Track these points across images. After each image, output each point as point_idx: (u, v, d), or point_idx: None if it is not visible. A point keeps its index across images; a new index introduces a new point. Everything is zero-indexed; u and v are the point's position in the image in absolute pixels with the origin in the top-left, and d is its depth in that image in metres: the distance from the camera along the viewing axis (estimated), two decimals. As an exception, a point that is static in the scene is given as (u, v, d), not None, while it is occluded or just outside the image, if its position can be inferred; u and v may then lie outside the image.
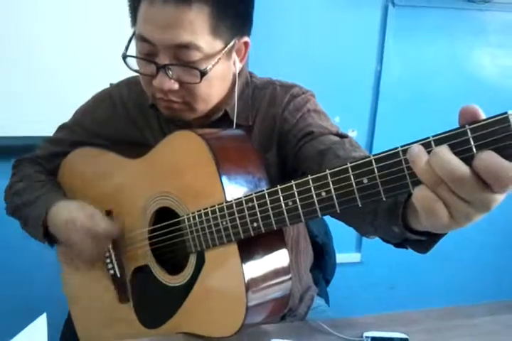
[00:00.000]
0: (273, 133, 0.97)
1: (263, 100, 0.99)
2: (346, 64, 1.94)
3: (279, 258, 0.81)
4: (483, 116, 0.51)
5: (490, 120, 0.50)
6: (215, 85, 0.90)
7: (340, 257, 1.40)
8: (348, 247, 2.09)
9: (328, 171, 0.63)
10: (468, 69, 2.06)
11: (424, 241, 0.63)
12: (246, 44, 0.93)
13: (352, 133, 2.03)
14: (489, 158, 0.48)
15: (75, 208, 0.97)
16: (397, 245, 0.70)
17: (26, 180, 1.08)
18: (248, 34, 0.93)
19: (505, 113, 0.49)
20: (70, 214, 0.95)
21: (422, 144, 0.54)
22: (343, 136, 0.91)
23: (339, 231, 1.10)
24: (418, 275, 2.15)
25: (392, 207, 0.63)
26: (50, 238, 1.01)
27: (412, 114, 2.01)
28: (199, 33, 0.83)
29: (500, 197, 0.50)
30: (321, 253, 1.30)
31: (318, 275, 1.29)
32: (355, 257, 2.13)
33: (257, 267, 0.78)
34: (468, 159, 0.50)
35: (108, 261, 0.99)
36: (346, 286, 1.67)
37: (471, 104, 0.52)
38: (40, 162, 1.12)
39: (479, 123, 0.50)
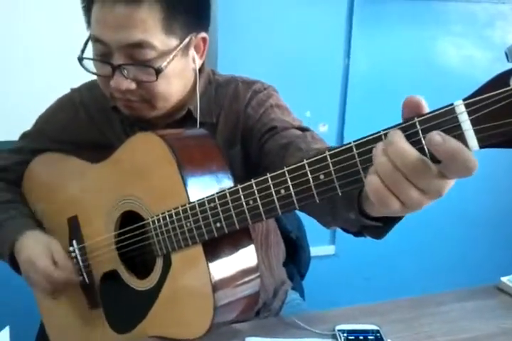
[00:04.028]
0: (237, 129, 0.97)
1: (226, 97, 0.99)
2: (314, 58, 1.94)
3: (246, 257, 0.81)
4: (426, 107, 0.51)
5: (437, 111, 0.50)
6: (174, 82, 0.90)
7: (315, 250, 1.40)
8: (322, 240, 2.09)
9: (285, 168, 0.63)
10: (434, 59, 2.08)
11: (380, 226, 0.64)
12: (204, 40, 0.93)
13: (323, 128, 2.03)
14: (444, 140, 0.48)
15: (37, 251, 0.95)
16: (356, 234, 0.70)
17: None
18: (206, 30, 0.93)
19: (452, 104, 0.49)
20: (30, 257, 0.94)
21: (374, 138, 0.54)
22: (304, 130, 0.91)
23: (313, 223, 1.10)
24: (392, 266, 2.17)
25: (348, 195, 0.63)
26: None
27: (382, 105, 2.01)
28: (151, 31, 0.83)
29: (451, 183, 0.51)
30: (294, 247, 1.30)
31: (292, 269, 1.29)
32: (329, 249, 2.14)
33: (223, 266, 0.78)
34: (419, 150, 0.51)
35: (76, 267, 0.98)
36: (321, 279, 1.67)
37: (414, 95, 0.52)
38: (2, 176, 1.10)
39: (427, 115, 0.51)
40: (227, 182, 0.81)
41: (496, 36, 2.13)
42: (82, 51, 0.90)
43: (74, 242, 0.98)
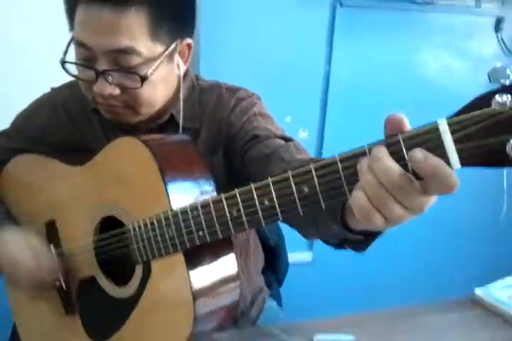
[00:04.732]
0: (220, 136, 0.97)
1: (209, 103, 0.99)
2: (295, 64, 1.95)
3: (226, 265, 0.80)
4: (408, 124, 0.52)
5: (421, 129, 0.51)
6: (158, 88, 0.89)
7: (292, 256, 1.41)
8: (300, 246, 2.10)
9: (270, 179, 0.63)
10: (413, 68, 2.11)
11: (362, 240, 0.65)
12: (189, 46, 0.93)
13: (303, 133, 2.04)
14: (425, 157, 0.49)
15: (19, 249, 0.93)
16: (337, 246, 0.71)
17: None
18: (190, 36, 0.93)
19: (435, 122, 0.50)
20: (13, 255, 0.92)
21: (359, 153, 0.55)
22: (288, 140, 0.91)
23: (291, 229, 1.12)
24: (371, 273, 2.19)
25: (332, 208, 0.63)
26: None
27: (361, 112, 2.04)
28: (138, 37, 0.82)
29: (433, 199, 0.53)
30: (273, 254, 1.31)
31: (270, 277, 1.30)
32: (306, 256, 2.15)
33: (204, 275, 0.77)
34: (402, 166, 0.52)
35: (53, 280, 0.96)
36: (299, 286, 1.68)
37: (396, 113, 0.53)
38: None
39: (411, 133, 0.52)
40: (208, 189, 0.80)
41: (473, 47, 2.18)
42: (65, 53, 0.89)
43: (51, 247, 0.97)
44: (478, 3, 2.12)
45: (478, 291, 1.04)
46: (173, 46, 0.88)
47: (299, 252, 2.10)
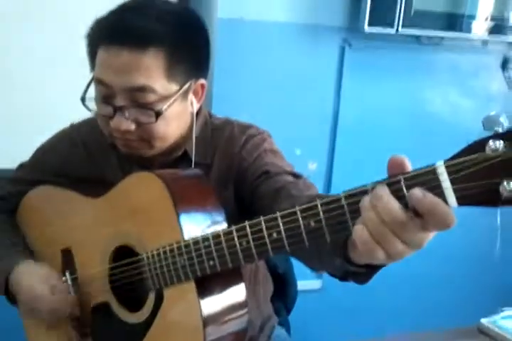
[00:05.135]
0: (231, 171, 1.00)
1: (221, 139, 1.03)
2: (305, 101, 2.02)
3: (236, 293, 0.83)
4: (409, 166, 0.56)
5: (420, 171, 0.55)
6: (172, 124, 0.94)
7: (302, 284, 1.42)
8: (309, 274, 2.11)
9: (278, 213, 0.67)
10: (420, 106, 2.17)
11: (363, 273, 0.67)
12: (202, 86, 0.97)
13: (312, 166, 2.09)
14: (424, 196, 0.53)
15: (38, 284, 0.97)
16: (341, 278, 0.73)
17: None
18: (205, 77, 0.98)
19: (433, 164, 0.55)
20: (33, 291, 0.97)
21: (361, 191, 0.59)
22: (297, 176, 0.94)
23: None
24: (380, 301, 2.19)
25: (335, 242, 0.66)
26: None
27: (369, 147, 2.08)
28: (154, 76, 0.87)
29: (431, 235, 0.56)
30: (281, 282, 1.32)
31: (278, 304, 1.31)
32: (316, 284, 2.15)
33: (214, 303, 0.80)
34: (403, 205, 0.55)
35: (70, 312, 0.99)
36: (308, 314, 1.69)
37: (399, 154, 0.57)
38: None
39: (411, 174, 0.56)
40: (220, 221, 0.84)
41: (479, 85, 2.24)
42: (85, 91, 0.94)
43: (67, 273, 1.00)
44: (485, 43, 2.18)
45: (484, 321, 1.06)
46: (186, 85, 0.93)
47: (308, 280, 2.10)
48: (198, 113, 1.01)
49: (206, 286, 0.80)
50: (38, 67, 1.74)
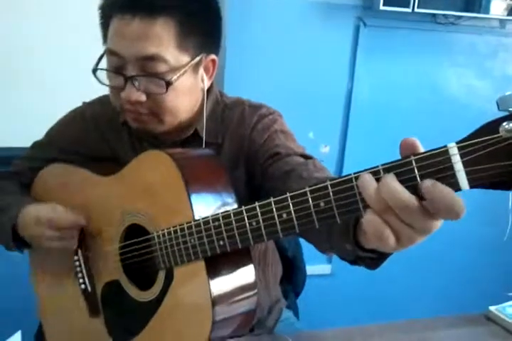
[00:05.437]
0: (241, 152, 1.01)
1: (232, 119, 1.03)
2: (319, 81, 2.00)
3: (245, 274, 0.84)
4: (421, 147, 0.56)
5: (432, 152, 0.54)
6: (182, 97, 0.94)
7: (311, 269, 1.43)
8: (319, 259, 2.12)
9: (288, 194, 0.66)
10: (435, 87, 2.14)
11: (374, 258, 0.67)
12: (213, 62, 0.97)
13: (325, 149, 2.08)
14: (433, 186, 0.52)
15: (42, 207, 0.99)
16: (352, 262, 0.74)
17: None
18: (216, 53, 0.98)
19: (445, 146, 0.54)
20: (37, 213, 0.98)
21: (372, 172, 0.58)
22: (307, 157, 0.94)
23: (310, 242, 1.14)
24: (388, 287, 2.20)
25: (345, 226, 0.66)
26: (19, 243, 1.03)
27: (382, 129, 2.07)
28: (165, 45, 0.88)
29: (440, 223, 0.55)
30: (290, 266, 1.33)
31: (287, 287, 1.32)
32: (325, 269, 2.17)
33: (223, 283, 0.81)
34: (412, 187, 0.55)
35: (80, 275, 1.01)
36: (317, 298, 1.70)
37: (410, 136, 0.56)
38: (16, 178, 1.14)
39: (423, 155, 0.55)
40: (230, 201, 0.84)
41: (497, 67, 2.20)
42: (97, 64, 0.94)
43: (79, 251, 1.01)
44: (503, 23, 2.14)
45: (493, 308, 1.06)
46: (197, 58, 0.93)
47: (319, 265, 2.12)
48: (208, 91, 1.00)
49: (216, 266, 0.81)
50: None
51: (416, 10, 1.91)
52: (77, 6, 1.74)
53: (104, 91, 1.00)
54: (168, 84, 0.89)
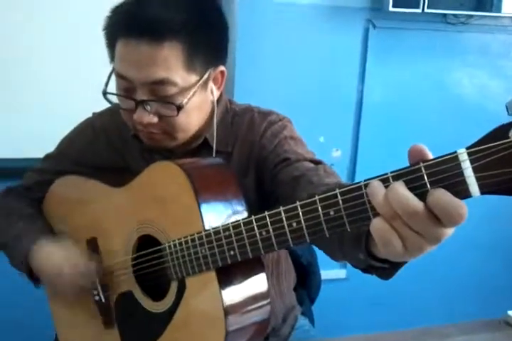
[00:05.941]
0: (251, 158, 1.00)
1: (242, 127, 1.03)
2: (329, 85, 1.99)
3: (257, 283, 0.83)
4: (430, 153, 0.55)
5: (441, 158, 0.53)
6: (193, 115, 0.94)
7: (326, 274, 1.42)
8: (334, 263, 2.10)
9: (298, 203, 0.66)
10: (447, 89, 2.12)
11: (387, 268, 0.66)
12: (222, 73, 0.97)
13: (336, 153, 2.07)
14: (441, 196, 0.51)
15: (59, 257, 0.99)
16: (364, 271, 0.73)
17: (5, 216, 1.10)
18: (224, 63, 0.97)
19: (455, 152, 0.53)
20: (53, 264, 0.98)
21: (381, 179, 0.57)
22: (317, 163, 0.94)
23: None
24: (405, 292, 2.17)
25: (357, 236, 0.66)
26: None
27: (394, 132, 2.05)
28: (173, 69, 0.87)
29: (450, 231, 0.54)
30: (305, 272, 1.32)
31: (302, 294, 1.31)
32: (340, 273, 2.15)
33: (235, 292, 0.81)
34: (422, 194, 0.54)
35: (93, 286, 1.01)
36: (332, 303, 1.69)
37: (418, 143, 0.55)
38: (26, 194, 1.14)
39: (432, 161, 0.54)
40: (240, 210, 0.84)
41: (510, 66, 2.17)
42: (106, 84, 0.94)
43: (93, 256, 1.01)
44: (516, 22, 2.11)
45: (511, 313, 1.04)
46: (206, 75, 0.92)
47: (333, 269, 2.10)
48: (218, 100, 1.00)
49: (228, 276, 0.80)
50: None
51: (426, 10, 1.90)
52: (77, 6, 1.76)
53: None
54: (179, 108, 0.89)
